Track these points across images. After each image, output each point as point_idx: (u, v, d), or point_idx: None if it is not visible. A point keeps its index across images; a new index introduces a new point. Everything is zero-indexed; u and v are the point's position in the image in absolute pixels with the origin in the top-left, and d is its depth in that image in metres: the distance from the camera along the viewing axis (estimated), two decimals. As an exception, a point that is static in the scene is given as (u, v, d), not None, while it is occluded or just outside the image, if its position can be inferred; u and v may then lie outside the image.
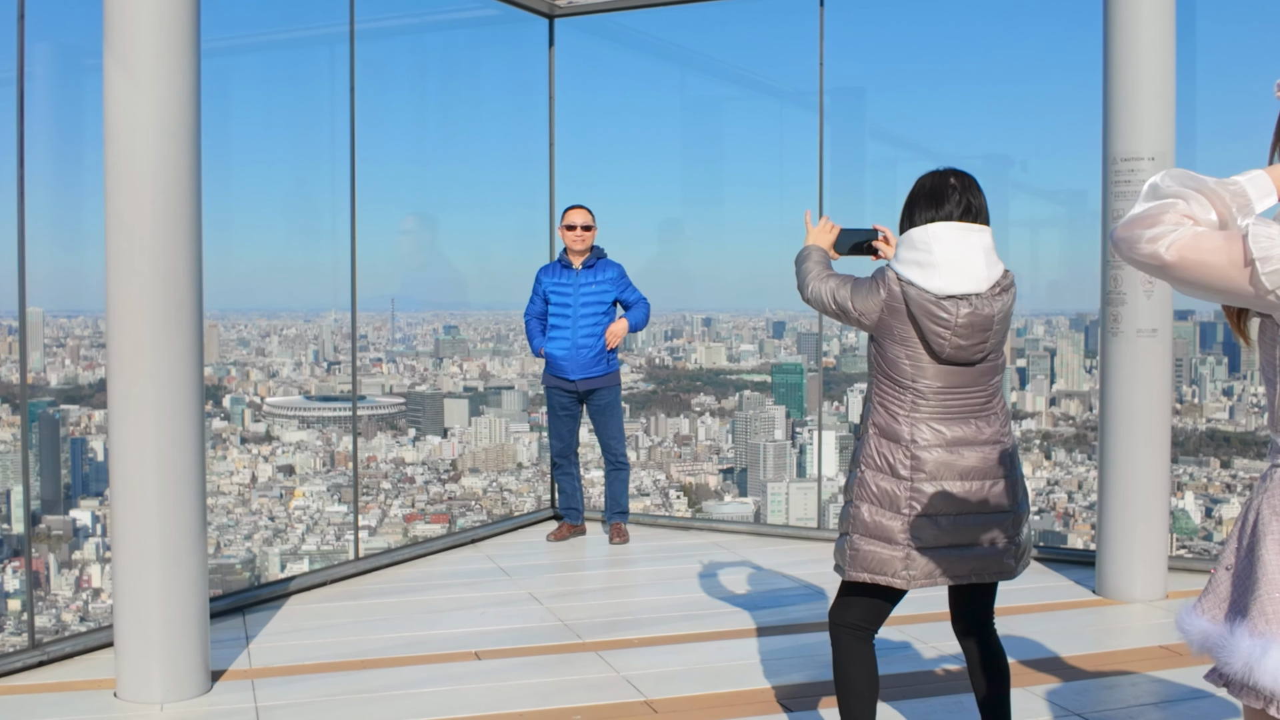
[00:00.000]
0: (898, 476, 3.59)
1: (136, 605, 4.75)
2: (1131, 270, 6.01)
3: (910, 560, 3.59)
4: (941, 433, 3.61)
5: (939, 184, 3.58)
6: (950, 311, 3.50)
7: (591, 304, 7.47)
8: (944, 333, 3.52)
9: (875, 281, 3.63)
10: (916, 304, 3.52)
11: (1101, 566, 6.27)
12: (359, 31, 6.90)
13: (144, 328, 4.66)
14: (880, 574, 3.62)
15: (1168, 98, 5.99)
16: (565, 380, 7.49)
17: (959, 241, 3.51)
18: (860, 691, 3.73)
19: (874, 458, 3.64)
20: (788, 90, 9.17)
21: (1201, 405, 10.67)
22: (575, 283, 7.48)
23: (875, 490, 3.62)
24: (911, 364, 3.59)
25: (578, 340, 7.44)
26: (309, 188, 10.19)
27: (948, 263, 3.49)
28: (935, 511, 3.59)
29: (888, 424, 3.63)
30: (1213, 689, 4.79)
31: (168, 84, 4.63)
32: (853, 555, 3.65)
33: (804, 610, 6.07)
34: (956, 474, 3.60)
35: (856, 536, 3.64)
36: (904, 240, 3.58)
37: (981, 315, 3.54)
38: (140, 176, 4.63)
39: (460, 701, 4.78)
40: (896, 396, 3.63)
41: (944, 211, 3.53)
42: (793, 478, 11.19)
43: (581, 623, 5.88)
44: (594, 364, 7.48)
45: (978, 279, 3.53)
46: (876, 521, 3.61)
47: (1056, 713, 4.59)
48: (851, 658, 3.75)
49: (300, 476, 10.66)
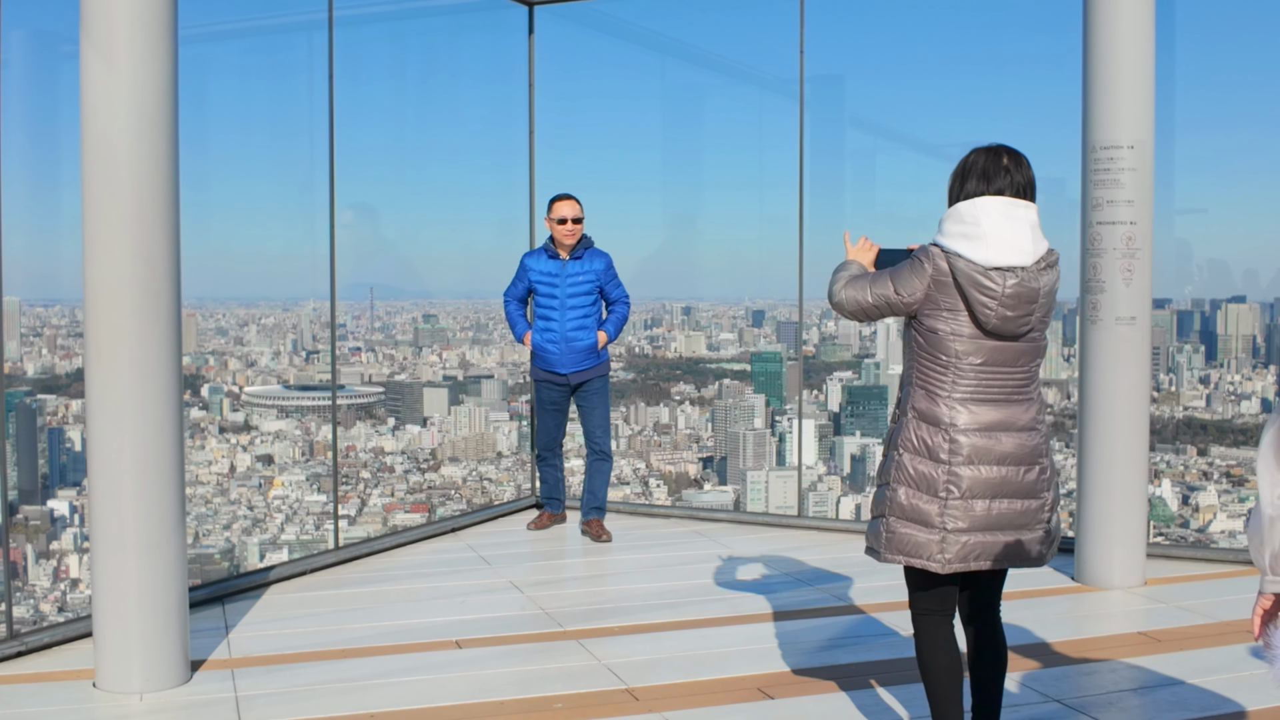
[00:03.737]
0: (936, 460, 3.64)
1: (115, 595, 4.72)
2: (1111, 258, 6.04)
3: (945, 544, 3.64)
4: (980, 416, 3.65)
5: (991, 160, 3.64)
6: (997, 282, 3.56)
7: (579, 294, 7.30)
8: (991, 303, 3.57)
9: (917, 260, 3.66)
10: (964, 275, 3.56)
11: (1080, 553, 6.30)
12: (338, 19, 6.86)
13: (122, 315, 4.63)
14: (915, 557, 3.67)
15: (1147, 86, 6.01)
16: (555, 374, 7.35)
17: (1006, 216, 3.58)
18: (941, 676, 3.78)
19: (912, 441, 3.68)
20: (768, 78, 9.17)
21: (1178, 393, 10.72)
22: (563, 274, 7.27)
23: (913, 473, 3.66)
24: (955, 337, 3.62)
25: (567, 332, 7.28)
26: (287, 176, 10.13)
27: (995, 235, 3.55)
28: (972, 495, 3.63)
29: (927, 407, 3.66)
30: (1185, 678, 4.83)
31: (145, 70, 4.60)
32: (889, 538, 3.70)
33: (786, 598, 6.07)
34: (994, 459, 3.65)
35: (893, 519, 3.69)
36: (950, 215, 3.63)
37: (1029, 288, 3.59)
38: (117, 163, 4.59)
39: (441, 690, 4.77)
40: (937, 376, 3.65)
41: (994, 187, 3.60)
42: (772, 466, 11.21)
43: (562, 611, 5.88)
44: (585, 356, 7.33)
45: (1024, 252, 3.59)
46: (914, 505, 3.65)
47: (1035, 699, 4.61)
48: (931, 644, 3.80)
49: (279, 466, 10.62)
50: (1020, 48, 10.30)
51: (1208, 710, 4.48)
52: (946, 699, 3.77)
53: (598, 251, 7.37)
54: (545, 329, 7.34)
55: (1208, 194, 10.13)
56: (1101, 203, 6.02)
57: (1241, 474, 10.16)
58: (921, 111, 10.68)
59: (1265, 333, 10.51)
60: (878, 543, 3.74)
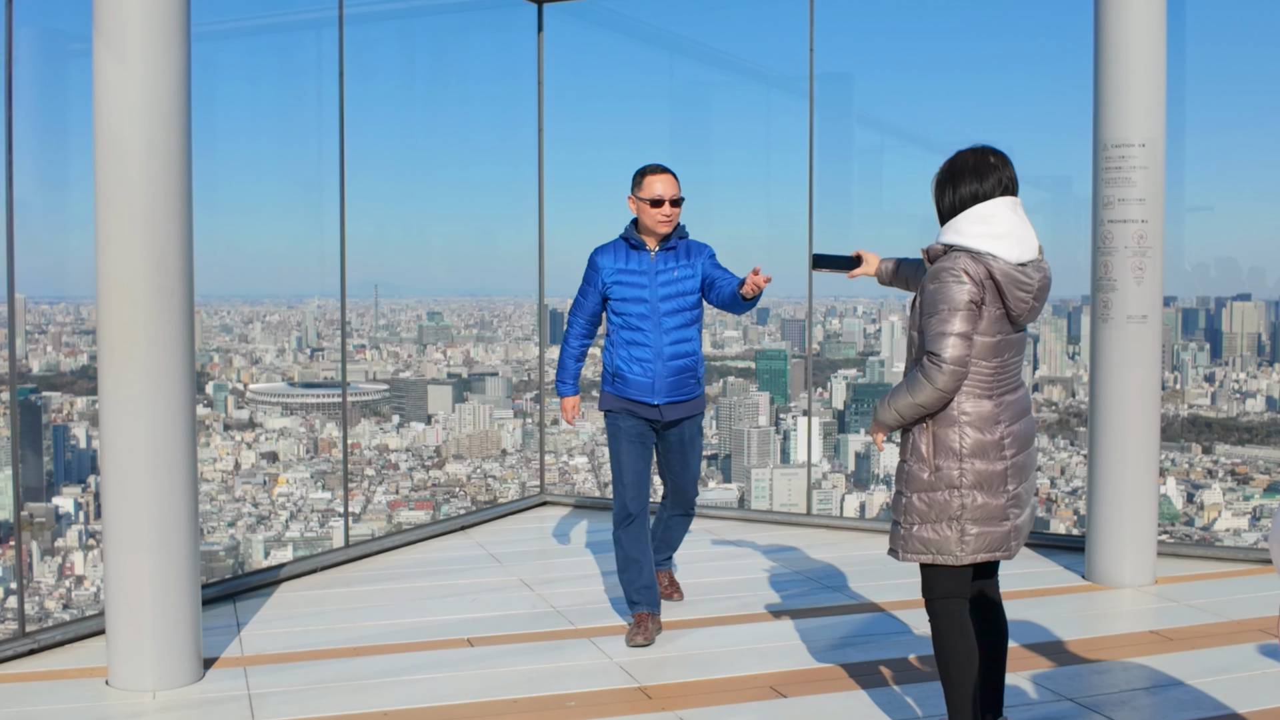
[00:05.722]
0: (1000, 458, 3.74)
1: (128, 593, 4.72)
2: (1123, 257, 6.03)
3: (1011, 534, 3.79)
4: (1014, 407, 3.78)
5: (980, 160, 3.74)
6: (1032, 277, 3.70)
7: (678, 296, 5.46)
8: (1026, 297, 3.69)
9: (952, 282, 3.64)
10: (1003, 274, 3.65)
11: (1091, 552, 6.30)
12: (347, 16, 6.86)
13: (135, 313, 4.63)
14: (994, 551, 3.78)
15: (1158, 84, 6.00)
16: (644, 404, 5.47)
17: (1015, 213, 3.71)
18: (961, 660, 3.84)
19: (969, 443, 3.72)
20: (776, 76, 9.17)
21: (1184, 391, 10.72)
22: (653, 271, 5.47)
23: (977, 475, 3.72)
24: (996, 335, 3.70)
25: (663, 349, 5.43)
26: (294, 173, 10.13)
27: (1013, 233, 3.68)
28: (1019, 482, 3.80)
29: (977, 408, 3.72)
30: (1197, 676, 4.83)
31: (158, 69, 4.60)
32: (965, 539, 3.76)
33: (797, 596, 6.08)
34: (1025, 444, 3.82)
35: (967, 523, 3.75)
36: (969, 216, 3.70)
37: (1047, 278, 3.79)
38: (130, 161, 4.59)
39: (453, 688, 4.77)
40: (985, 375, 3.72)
41: (988, 185, 3.71)
42: (777, 464, 11.20)
43: (574, 609, 5.88)
44: (685, 383, 5.49)
45: (1034, 247, 3.74)
46: (985, 503, 3.73)
47: (1048, 697, 4.61)
48: (950, 629, 3.85)
49: (284, 463, 10.62)
50: (1028, 47, 10.29)
51: (1220, 709, 4.48)
52: (967, 683, 3.82)
53: (696, 244, 5.58)
54: (632, 345, 5.45)
55: (1213, 192, 10.13)
56: (1113, 201, 6.01)
57: (1247, 472, 10.16)
58: (930, 109, 10.67)
59: (1270, 331, 10.50)
60: (954, 546, 3.77)
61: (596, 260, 5.53)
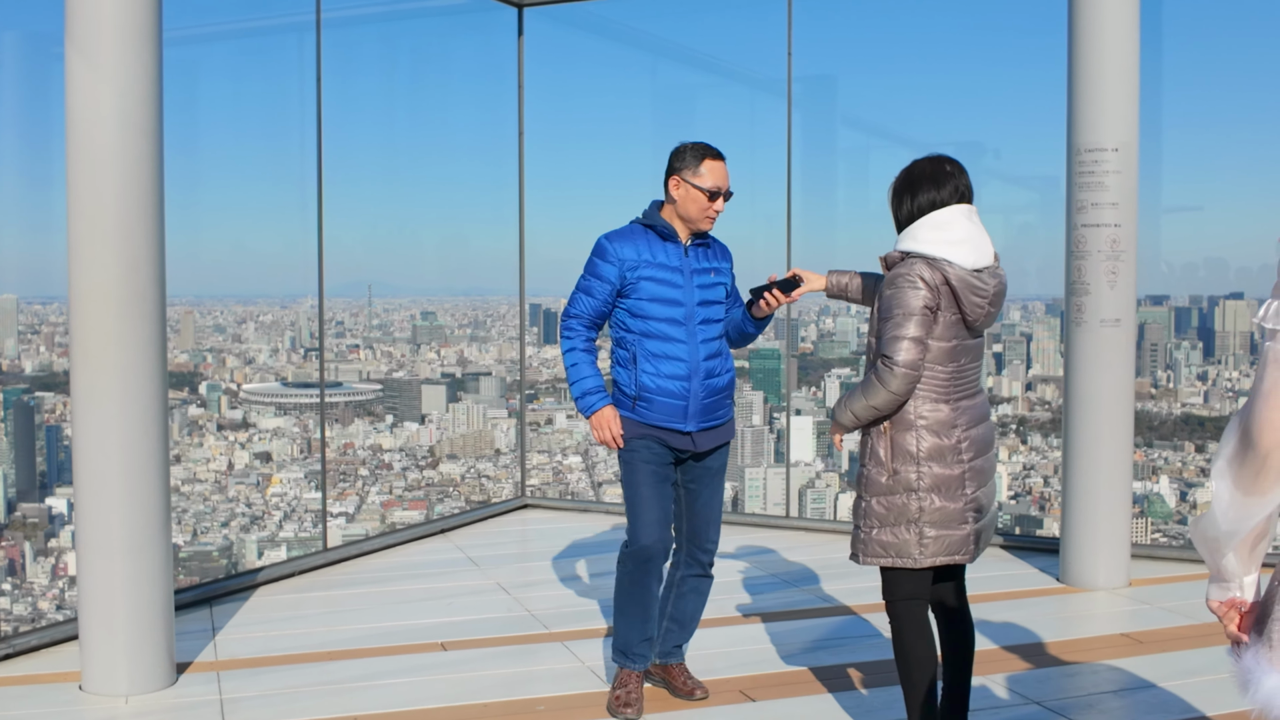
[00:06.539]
0: (958, 462, 3.78)
1: (101, 597, 4.75)
2: (1095, 260, 6.05)
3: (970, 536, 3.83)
4: (971, 411, 3.86)
5: (936, 168, 3.79)
6: (985, 282, 3.76)
7: (713, 305, 4.51)
8: (982, 302, 3.75)
9: (907, 288, 3.70)
10: (959, 280, 3.71)
11: (1065, 554, 6.32)
12: (328, 20, 6.88)
13: (107, 318, 4.66)
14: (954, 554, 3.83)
15: (1131, 89, 6.01)
16: (674, 432, 4.45)
17: (970, 220, 3.77)
18: (921, 662, 3.89)
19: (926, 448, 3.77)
20: (759, 78, 9.18)
21: (1176, 390, 10.72)
22: (686, 268, 4.47)
23: (935, 479, 3.77)
24: (952, 339, 3.76)
25: (699, 365, 4.43)
26: (284, 174, 10.16)
27: (970, 240, 3.74)
28: (978, 487, 3.84)
29: (934, 413, 3.78)
30: (1166, 679, 4.85)
31: (130, 74, 4.62)
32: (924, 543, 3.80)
33: (771, 599, 6.10)
34: (984, 448, 3.89)
35: (925, 526, 3.79)
36: (926, 223, 3.75)
37: (1002, 284, 3.86)
38: (102, 167, 4.62)
39: (425, 693, 4.80)
40: (940, 380, 3.78)
41: (945, 192, 3.76)
42: (770, 463, 11.22)
43: (548, 613, 5.91)
44: (720, 405, 4.52)
45: (989, 253, 3.80)
46: (943, 507, 3.77)
47: (1017, 700, 4.63)
48: (910, 631, 3.90)
49: (277, 463, 10.66)
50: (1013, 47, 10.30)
51: (1188, 712, 4.50)
52: (927, 685, 3.87)
53: (720, 242, 4.67)
54: (662, 360, 4.42)
55: (1204, 190, 10.13)
56: (1086, 205, 6.02)
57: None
58: (914, 110, 10.68)
59: (1263, 329, 10.50)
60: (913, 549, 3.81)
61: (615, 248, 4.42)
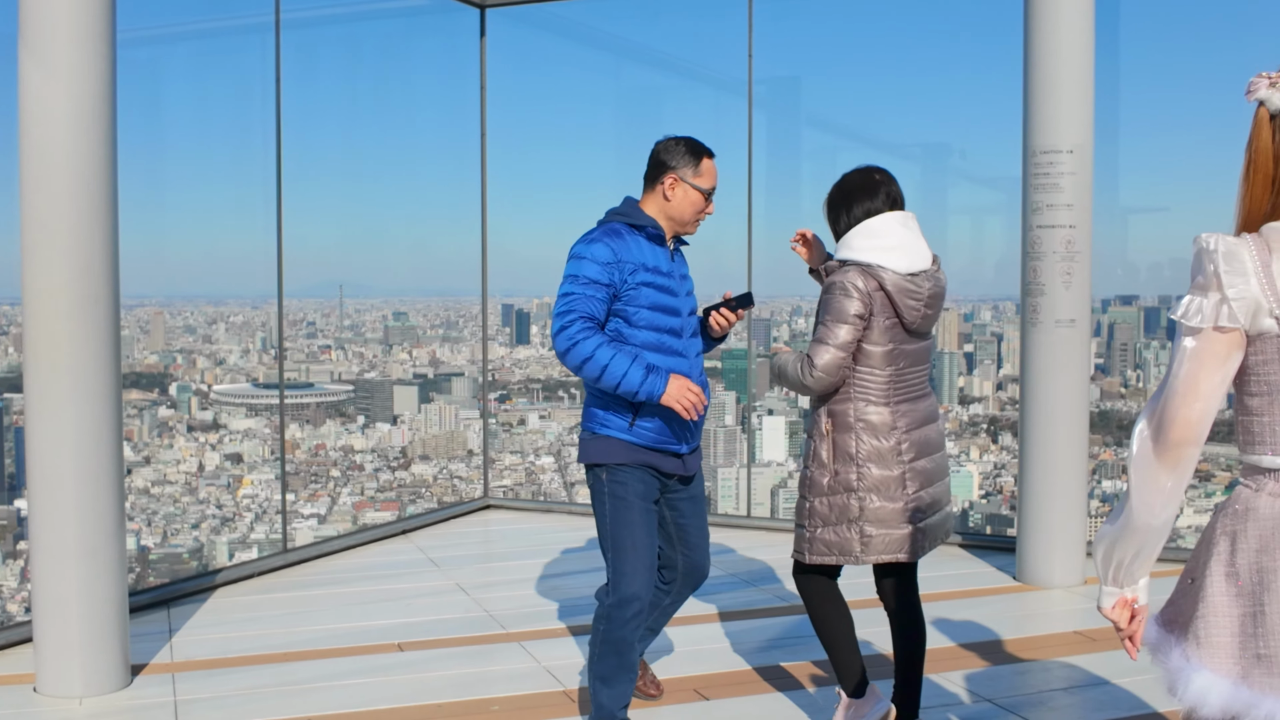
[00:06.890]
0: (897, 463, 3.86)
1: (55, 599, 4.75)
2: (1051, 261, 6.09)
3: (911, 535, 3.90)
4: (913, 414, 3.94)
5: (866, 178, 3.91)
6: (919, 285, 3.83)
7: (694, 314, 4.20)
8: (918, 305, 3.83)
9: (840, 295, 3.79)
10: (893, 284, 3.79)
11: (1021, 553, 6.36)
12: (289, 20, 6.88)
13: (59, 322, 4.66)
14: (895, 553, 3.90)
15: (1086, 91, 6.06)
16: (667, 455, 4.08)
17: (904, 226, 3.85)
18: (835, 621, 4.03)
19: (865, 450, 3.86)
20: (724, 79, 9.21)
21: (1145, 389, 10.79)
22: (676, 273, 4.11)
23: (877, 479, 3.85)
24: (888, 344, 3.84)
25: (696, 378, 4.09)
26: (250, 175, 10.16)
27: (903, 245, 3.82)
28: (921, 487, 3.93)
29: (874, 415, 3.87)
30: (1117, 676, 4.89)
31: (82, 80, 4.62)
32: (867, 541, 3.88)
33: (729, 598, 6.12)
34: (931, 449, 3.98)
35: (866, 525, 3.88)
36: (860, 232, 3.84)
37: (940, 287, 3.93)
38: (54, 171, 4.61)
39: (381, 693, 4.81)
40: (878, 384, 3.86)
41: (878, 200, 3.86)
42: (743, 463, 11.25)
43: (506, 613, 5.92)
44: (701, 423, 4.14)
45: (925, 257, 3.88)
46: (882, 507, 3.86)
47: (967, 698, 4.66)
48: (818, 596, 4.04)
49: (248, 465, 10.63)
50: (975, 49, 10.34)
51: (1136, 709, 4.54)
52: (845, 640, 4.03)
53: None
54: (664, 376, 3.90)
55: (1169, 192, 10.19)
56: (1041, 206, 6.07)
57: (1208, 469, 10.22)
58: (880, 111, 10.72)
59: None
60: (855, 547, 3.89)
61: (613, 249, 3.89)
